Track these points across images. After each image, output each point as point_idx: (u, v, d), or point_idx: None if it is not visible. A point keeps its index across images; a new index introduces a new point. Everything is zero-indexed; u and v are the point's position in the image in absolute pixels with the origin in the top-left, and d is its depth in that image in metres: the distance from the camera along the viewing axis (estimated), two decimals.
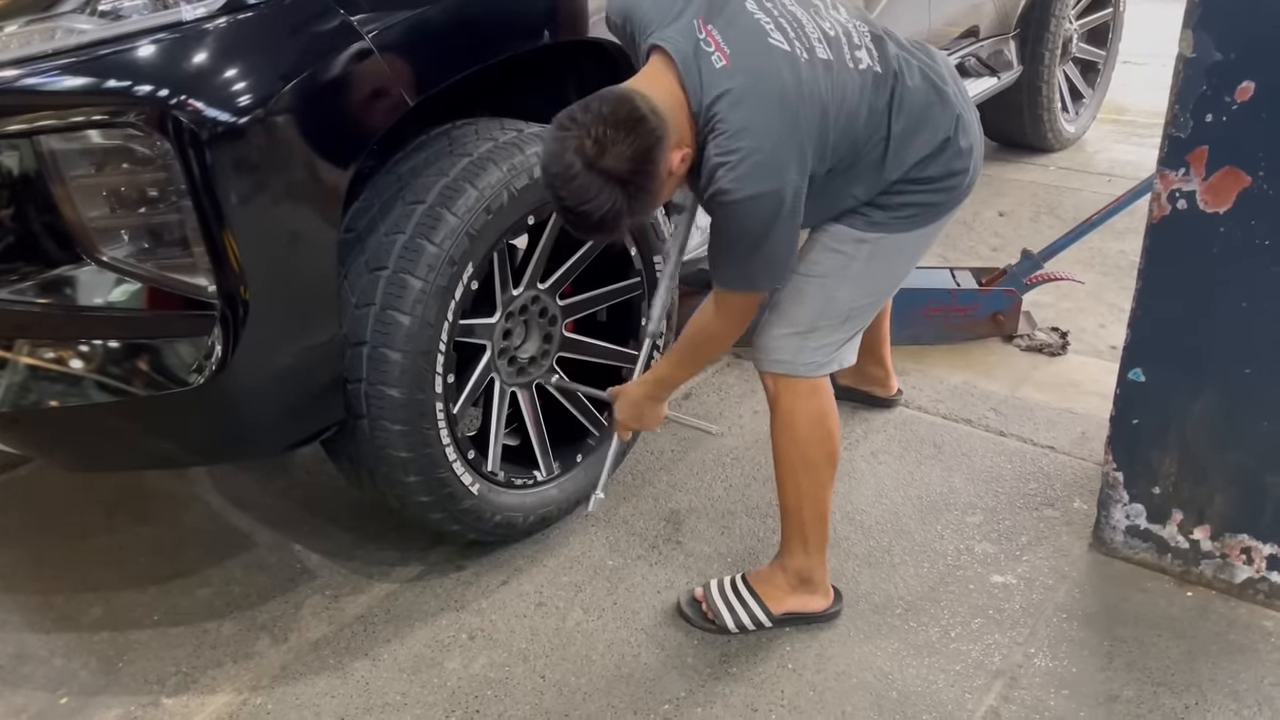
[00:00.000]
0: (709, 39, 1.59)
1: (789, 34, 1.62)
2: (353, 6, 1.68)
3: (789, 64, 1.60)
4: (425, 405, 1.90)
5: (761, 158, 1.56)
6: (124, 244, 1.60)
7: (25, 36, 1.56)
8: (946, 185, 1.79)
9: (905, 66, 1.74)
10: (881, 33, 1.78)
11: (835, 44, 1.67)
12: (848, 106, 1.66)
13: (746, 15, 1.63)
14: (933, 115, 1.75)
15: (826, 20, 1.70)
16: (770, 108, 1.57)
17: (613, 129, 1.49)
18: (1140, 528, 2.11)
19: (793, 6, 1.68)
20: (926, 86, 1.75)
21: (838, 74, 1.65)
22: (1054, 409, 2.69)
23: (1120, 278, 3.36)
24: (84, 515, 2.43)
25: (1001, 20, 3.89)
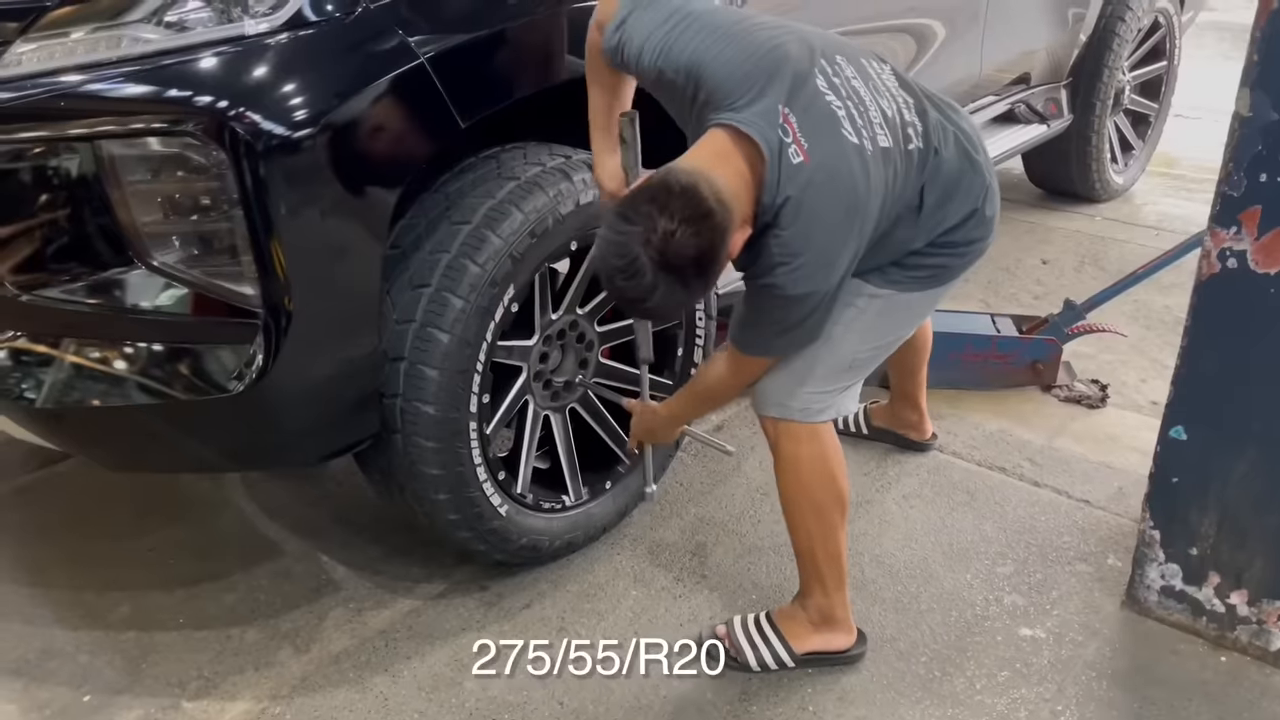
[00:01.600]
0: (788, 128, 1.55)
1: (856, 121, 1.60)
2: (411, 28, 1.70)
3: (859, 159, 1.59)
4: (459, 424, 1.91)
5: (820, 262, 1.60)
6: (175, 250, 1.63)
7: (92, 43, 1.59)
8: (965, 251, 1.81)
9: (943, 137, 1.75)
10: (924, 101, 1.76)
11: (892, 127, 1.66)
12: (897, 190, 1.68)
13: (822, 101, 1.59)
14: (964, 184, 1.77)
15: (884, 97, 1.68)
16: (837, 214, 1.58)
17: (681, 225, 1.46)
18: (1175, 588, 2.07)
19: (855, 82, 1.66)
20: (960, 156, 1.77)
21: (894, 160, 1.66)
22: (1091, 462, 2.65)
23: (1164, 333, 3.31)
24: (118, 514, 2.47)
25: (1054, 68, 3.88)
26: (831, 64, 1.64)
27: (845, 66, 1.67)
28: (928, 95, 1.80)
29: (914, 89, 1.78)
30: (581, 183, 1.97)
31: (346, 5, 1.66)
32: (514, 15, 1.88)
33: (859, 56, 1.72)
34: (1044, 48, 3.75)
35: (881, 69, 1.75)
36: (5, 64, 1.58)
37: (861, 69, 1.70)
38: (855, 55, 1.71)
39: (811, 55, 1.63)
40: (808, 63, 1.61)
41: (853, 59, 1.70)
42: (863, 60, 1.72)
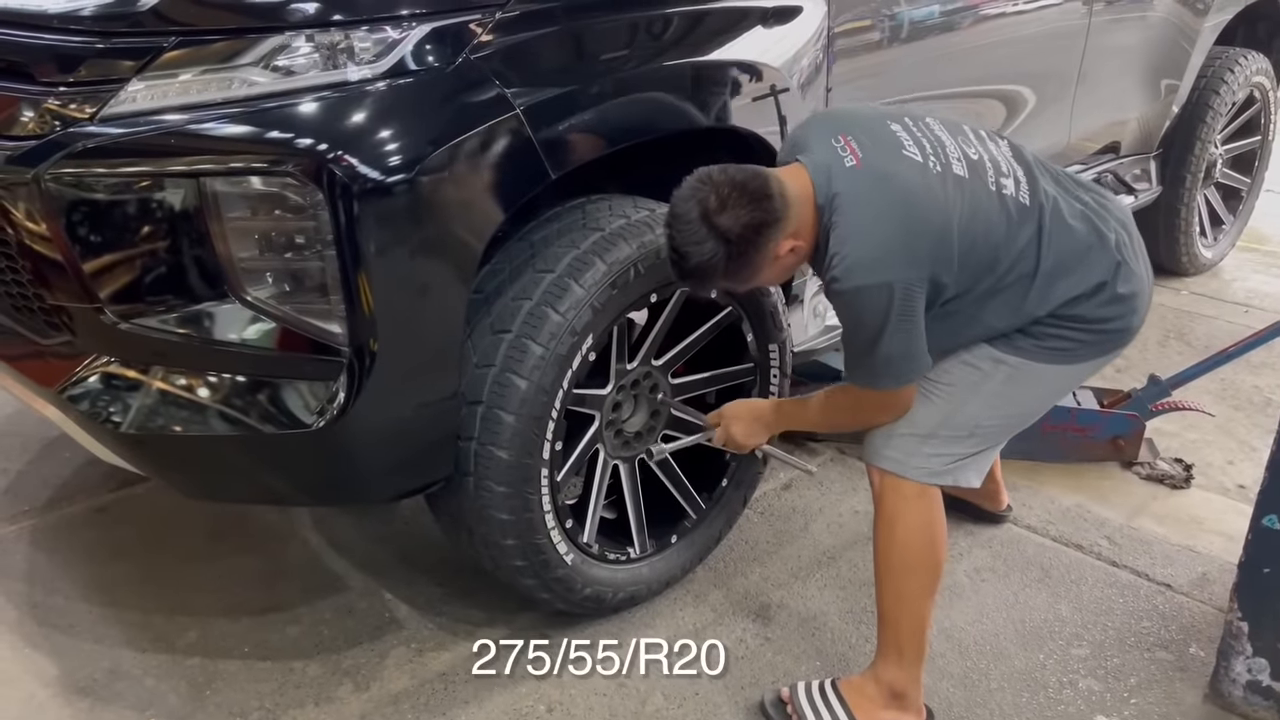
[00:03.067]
0: (845, 145, 1.68)
1: (925, 150, 1.69)
2: (508, 80, 1.73)
3: (919, 172, 1.66)
4: (531, 470, 1.91)
5: (873, 252, 1.62)
6: (267, 285, 1.66)
7: (202, 84, 1.65)
8: (1098, 328, 1.78)
9: (1061, 204, 1.75)
10: (1037, 169, 1.79)
11: (976, 166, 1.71)
12: (980, 223, 1.67)
13: (888, 131, 1.71)
14: (1090, 258, 1.75)
15: (972, 146, 1.74)
16: (890, 207, 1.63)
17: (738, 194, 1.61)
18: (1262, 684, 1.97)
19: (939, 130, 1.74)
20: (1086, 228, 1.76)
21: (972, 191, 1.68)
22: (1173, 544, 2.56)
23: (1253, 414, 3.20)
24: (190, 539, 2.51)
25: (1144, 139, 3.82)
26: (916, 119, 1.75)
27: (933, 123, 1.76)
28: (1046, 167, 1.84)
29: (1028, 159, 1.81)
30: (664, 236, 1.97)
31: (447, 56, 1.70)
32: (606, 71, 1.91)
33: (958, 122, 1.79)
34: (1135, 118, 3.70)
35: (984, 136, 1.80)
36: (120, 101, 1.64)
37: (953, 125, 1.77)
38: (952, 121, 1.76)
39: (899, 112, 1.74)
40: (890, 114, 1.75)
41: (947, 122, 1.76)
42: (960, 124, 1.78)
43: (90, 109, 1.66)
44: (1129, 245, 1.81)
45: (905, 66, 2.58)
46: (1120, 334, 1.81)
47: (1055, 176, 1.83)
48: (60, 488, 2.72)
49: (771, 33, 2.16)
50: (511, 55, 1.75)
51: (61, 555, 2.45)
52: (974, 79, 2.86)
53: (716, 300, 2.15)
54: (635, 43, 1.98)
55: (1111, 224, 1.80)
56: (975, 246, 1.68)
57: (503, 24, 1.76)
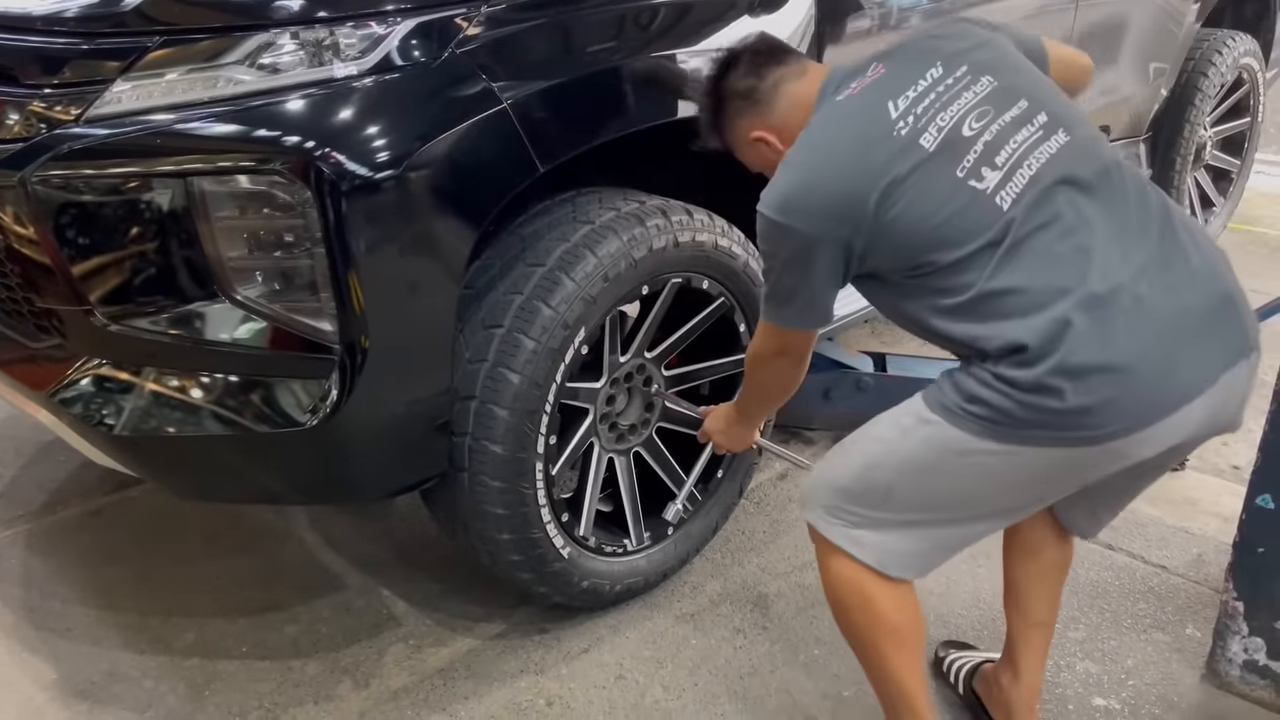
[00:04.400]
0: (869, 73, 1.54)
1: (913, 108, 1.47)
2: (495, 73, 1.73)
3: (876, 128, 1.46)
4: (526, 464, 1.91)
5: (784, 191, 1.49)
6: (257, 284, 1.66)
7: (188, 83, 1.64)
8: (1032, 403, 1.36)
9: (1064, 233, 1.39)
10: (1067, 178, 1.42)
11: (954, 144, 1.44)
12: (921, 205, 1.42)
13: (912, 75, 1.50)
14: (1066, 324, 1.35)
15: (986, 121, 1.46)
16: (819, 155, 1.49)
17: (738, 65, 1.69)
18: (1259, 663, 1.98)
19: (965, 91, 1.48)
20: (1076, 267, 1.37)
21: (926, 169, 1.43)
22: (1168, 526, 2.57)
23: None
24: (186, 540, 2.50)
25: (1134, 122, 3.82)
26: (961, 74, 1.50)
27: (975, 80, 1.49)
28: (1098, 186, 1.44)
29: (1071, 164, 1.44)
30: (655, 228, 1.97)
31: (433, 50, 1.69)
32: (593, 62, 1.90)
33: (1022, 91, 1.49)
34: (1124, 101, 3.70)
35: (1042, 121, 1.47)
36: (105, 102, 1.64)
37: (1003, 93, 1.48)
38: (1013, 88, 1.49)
39: (966, 56, 1.52)
40: (947, 56, 1.52)
41: (1003, 89, 1.49)
42: (1018, 95, 1.49)
43: (76, 110, 1.65)
44: (1155, 325, 1.35)
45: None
46: (1067, 426, 1.36)
47: (1165, 223, 1.43)
48: (55, 492, 2.71)
49: (759, 21, 2.16)
50: (497, 48, 1.75)
51: (57, 559, 2.45)
52: None
53: (707, 291, 2.15)
54: (622, 34, 1.97)
55: (1163, 307, 1.37)
56: (910, 226, 1.43)
57: (488, 17, 1.75)
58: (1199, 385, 1.37)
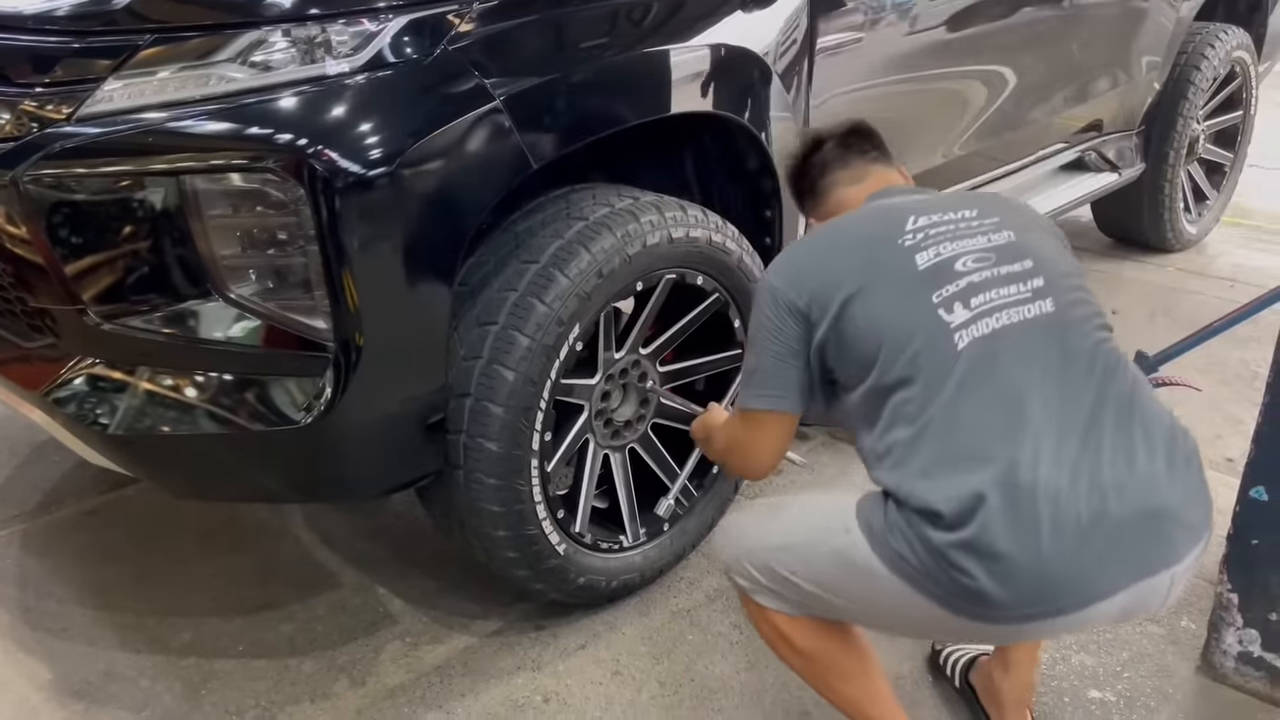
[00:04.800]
0: (903, 197, 1.67)
1: (928, 227, 1.50)
2: (487, 70, 1.73)
3: (890, 232, 1.51)
4: (521, 461, 1.91)
5: (787, 253, 1.65)
6: (251, 282, 1.66)
7: (180, 81, 1.64)
8: (939, 568, 1.32)
9: (1005, 403, 1.36)
10: (1031, 347, 1.40)
11: (943, 274, 1.44)
12: (890, 321, 1.43)
13: (950, 201, 1.59)
14: (959, 468, 1.33)
15: (981, 270, 1.45)
16: (836, 227, 1.63)
17: (815, 149, 1.81)
18: (1254, 655, 1.99)
19: (979, 235, 1.50)
20: (997, 442, 1.34)
21: (906, 281, 1.44)
22: None
23: (1240, 388, 3.22)
24: (181, 539, 2.50)
25: (1126, 116, 3.82)
26: (982, 236, 1.51)
27: (992, 237, 1.51)
28: (1112, 385, 1.40)
29: (1078, 344, 1.42)
30: (648, 224, 1.97)
31: (425, 47, 1.69)
32: (586, 58, 1.90)
33: (1029, 250, 1.50)
34: (1117, 95, 3.70)
35: (1037, 283, 1.46)
36: (96, 100, 1.63)
37: (1013, 248, 1.49)
38: (1022, 246, 1.50)
39: (981, 228, 1.53)
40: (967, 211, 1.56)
41: (1016, 245, 1.50)
42: (1026, 254, 1.49)
43: (67, 109, 1.65)
44: (1090, 514, 1.30)
45: (888, 50, 2.57)
46: (969, 596, 1.32)
47: (1103, 402, 1.38)
48: (50, 492, 2.71)
49: (751, 16, 2.16)
50: (490, 45, 1.75)
51: (52, 559, 2.44)
52: (958, 60, 2.86)
53: (701, 286, 2.15)
54: (615, 29, 1.97)
55: (1110, 484, 1.31)
56: (869, 330, 1.44)
57: (480, 14, 1.75)
58: (1109, 591, 1.32)
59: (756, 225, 2.38)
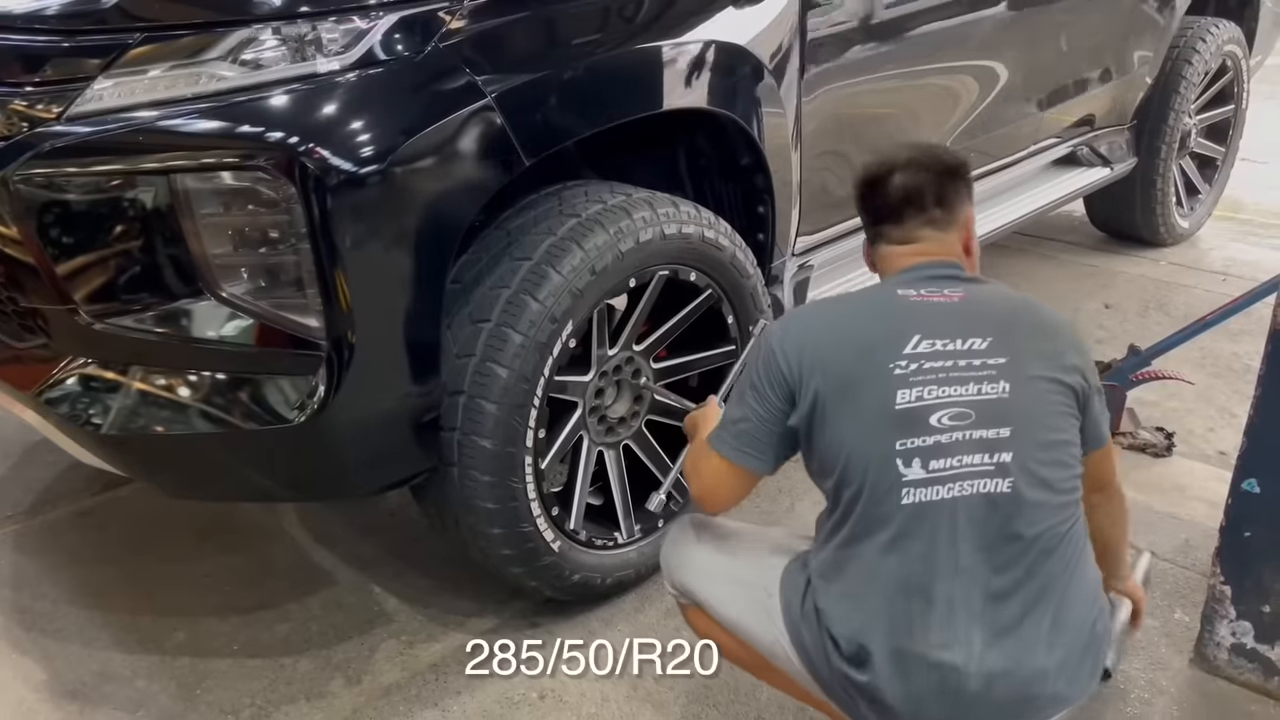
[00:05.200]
0: (922, 294, 1.51)
1: (926, 357, 1.43)
2: (478, 67, 1.73)
3: (888, 351, 1.44)
4: (515, 458, 1.91)
5: (799, 324, 1.55)
6: (243, 281, 1.66)
7: (170, 80, 1.64)
8: (836, 677, 1.45)
9: (924, 571, 1.39)
10: (972, 523, 1.39)
11: (914, 425, 1.40)
12: (849, 431, 1.42)
13: (963, 320, 1.47)
14: (895, 577, 1.39)
15: (954, 432, 1.40)
16: (848, 319, 1.53)
17: (886, 177, 1.59)
18: (1247, 647, 1.99)
19: (974, 382, 1.43)
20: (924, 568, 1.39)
21: (878, 416, 1.41)
22: (1156, 512, 2.58)
23: (1233, 381, 3.23)
24: (176, 539, 2.50)
25: (1118, 111, 3.83)
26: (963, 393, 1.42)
27: (971, 387, 1.43)
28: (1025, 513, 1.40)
29: (1010, 503, 1.40)
30: (641, 221, 1.97)
31: (416, 45, 1.69)
32: (578, 55, 1.90)
33: (1003, 416, 1.42)
34: (1108, 90, 3.71)
35: (1004, 446, 1.40)
36: (86, 99, 1.63)
37: (991, 411, 1.41)
38: (997, 412, 1.42)
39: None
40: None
41: (994, 404, 1.42)
42: (1004, 418, 1.42)
43: (57, 109, 1.65)
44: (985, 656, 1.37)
45: (879, 45, 2.57)
46: (858, 714, 1.46)
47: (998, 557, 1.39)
48: (43, 492, 2.70)
49: (743, 12, 2.16)
50: (481, 42, 1.75)
51: (47, 559, 2.44)
52: (948, 56, 2.87)
53: (694, 283, 2.15)
54: (607, 26, 1.97)
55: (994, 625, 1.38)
56: (831, 445, 1.45)
57: (472, 11, 1.75)
58: None
59: (749, 221, 2.38)
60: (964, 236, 1.60)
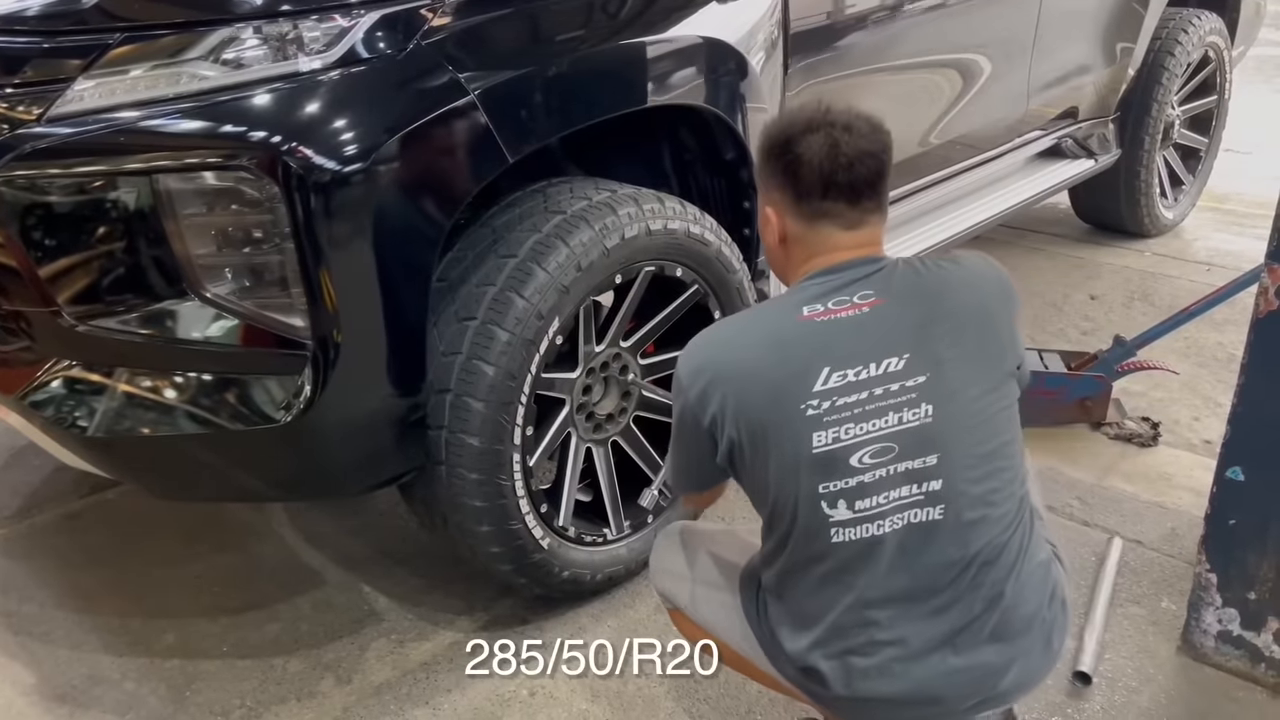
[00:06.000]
0: (827, 310, 1.39)
1: (838, 393, 1.34)
2: (461, 64, 1.73)
3: (796, 390, 1.35)
4: (503, 456, 1.91)
5: (702, 358, 1.43)
6: (227, 281, 1.65)
7: (151, 80, 1.63)
8: (790, 672, 1.48)
9: (874, 600, 1.37)
10: (906, 552, 1.36)
11: (835, 468, 1.34)
12: (771, 474, 1.37)
13: (873, 338, 1.37)
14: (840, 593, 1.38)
15: (878, 469, 1.34)
16: (749, 352, 1.40)
17: (813, 122, 1.39)
18: (1233, 633, 2.01)
19: (892, 411, 1.35)
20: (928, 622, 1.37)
21: (796, 459, 1.35)
22: (1143, 501, 2.60)
23: (1217, 370, 3.25)
24: (165, 541, 2.49)
25: (1102, 103, 3.84)
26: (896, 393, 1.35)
27: (908, 393, 1.35)
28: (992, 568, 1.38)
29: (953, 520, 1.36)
30: (627, 216, 1.97)
31: (399, 42, 1.69)
32: (561, 51, 1.90)
33: (935, 433, 1.35)
34: (1092, 82, 3.72)
35: (935, 464, 1.35)
36: (67, 100, 1.63)
37: (918, 435, 1.35)
38: (928, 434, 1.35)
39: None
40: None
41: (929, 426, 1.35)
42: (935, 437, 1.35)
43: (38, 110, 1.64)
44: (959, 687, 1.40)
45: (862, 39, 2.58)
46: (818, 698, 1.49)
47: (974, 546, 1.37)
48: (30, 496, 2.69)
49: (726, 8, 2.16)
50: (464, 39, 1.75)
51: (35, 563, 2.43)
52: (932, 49, 2.87)
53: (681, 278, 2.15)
54: (590, 22, 1.97)
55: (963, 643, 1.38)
56: (755, 484, 1.42)
57: (454, 8, 1.75)
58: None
59: (735, 216, 2.38)
60: (882, 220, 1.45)
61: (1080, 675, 1.98)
